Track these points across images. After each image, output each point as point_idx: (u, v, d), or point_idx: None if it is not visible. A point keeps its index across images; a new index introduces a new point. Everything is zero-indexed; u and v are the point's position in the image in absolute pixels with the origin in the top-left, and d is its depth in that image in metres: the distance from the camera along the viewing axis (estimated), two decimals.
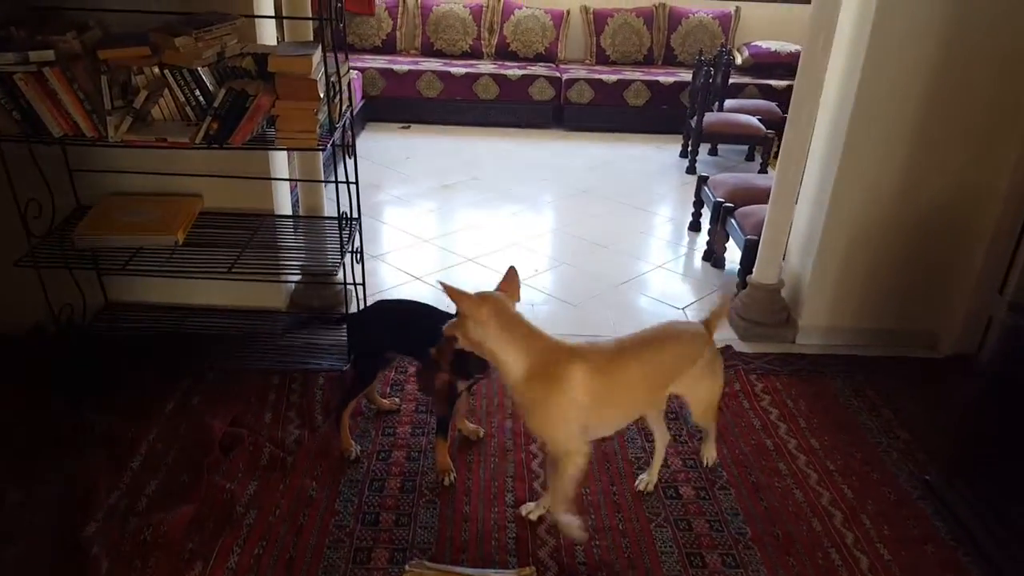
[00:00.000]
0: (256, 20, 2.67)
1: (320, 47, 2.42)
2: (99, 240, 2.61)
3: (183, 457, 2.33)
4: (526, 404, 1.87)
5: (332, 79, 2.41)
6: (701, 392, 2.09)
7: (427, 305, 2.37)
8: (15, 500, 2.14)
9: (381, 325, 2.41)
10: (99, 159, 2.75)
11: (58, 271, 2.64)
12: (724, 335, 3.15)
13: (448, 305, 1.90)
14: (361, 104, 5.84)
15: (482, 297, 1.82)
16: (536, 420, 1.89)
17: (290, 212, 3.15)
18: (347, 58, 2.59)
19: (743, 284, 3.31)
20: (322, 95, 2.36)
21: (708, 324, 2.08)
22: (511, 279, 1.90)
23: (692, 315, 3.38)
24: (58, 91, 2.24)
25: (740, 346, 3.07)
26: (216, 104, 2.30)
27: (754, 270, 3.16)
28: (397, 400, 2.63)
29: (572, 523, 1.97)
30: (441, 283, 1.81)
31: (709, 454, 2.33)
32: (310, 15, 2.80)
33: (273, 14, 2.85)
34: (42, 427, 2.43)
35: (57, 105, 2.26)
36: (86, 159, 2.74)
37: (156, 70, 2.31)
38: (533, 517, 2.15)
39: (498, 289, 1.89)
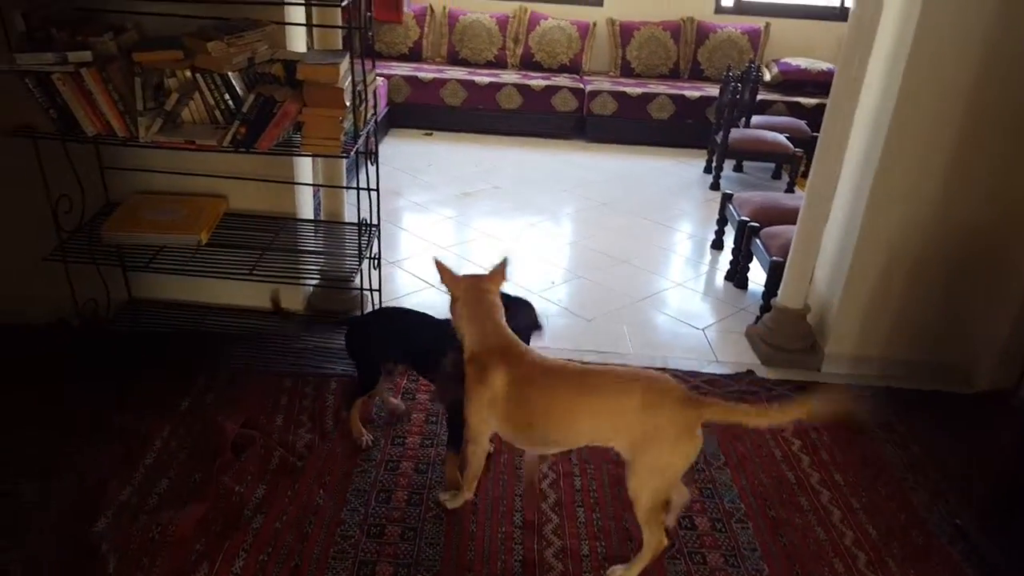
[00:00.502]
0: (287, 27, 2.68)
1: (348, 55, 2.43)
2: (125, 237, 2.63)
3: (195, 456, 2.34)
4: (466, 381, 1.97)
5: (358, 87, 2.41)
6: (642, 467, 1.82)
7: (429, 316, 2.37)
8: (30, 494, 2.16)
9: (382, 332, 2.42)
10: (129, 158, 2.77)
11: (84, 265, 2.66)
12: (746, 359, 3.12)
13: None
14: (386, 110, 5.86)
15: (462, 277, 2.00)
16: (467, 399, 1.99)
17: (312, 216, 3.16)
18: (374, 66, 2.59)
19: (767, 307, 3.27)
20: (348, 103, 2.36)
21: (703, 404, 1.80)
22: (500, 269, 2.04)
23: (712, 336, 3.34)
24: (93, 91, 2.27)
25: (762, 372, 3.02)
26: (245, 109, 2.32)
27: (779, 293, 3.12)
28: (402, 405, 2.63)
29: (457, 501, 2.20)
30: (435, 259, 2.01)
31: None
32: (339, 23, 2.81)
33: (304, 22, 2.86)
34: (59, 420, 2.45)
35: (92, 105, 2.30)
36: (117, 157, 2.77)
37: (188, 73, 2.33)
38: None
39: (487, 276, 2.03)
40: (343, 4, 2.34)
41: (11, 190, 2.76)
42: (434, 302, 3.43)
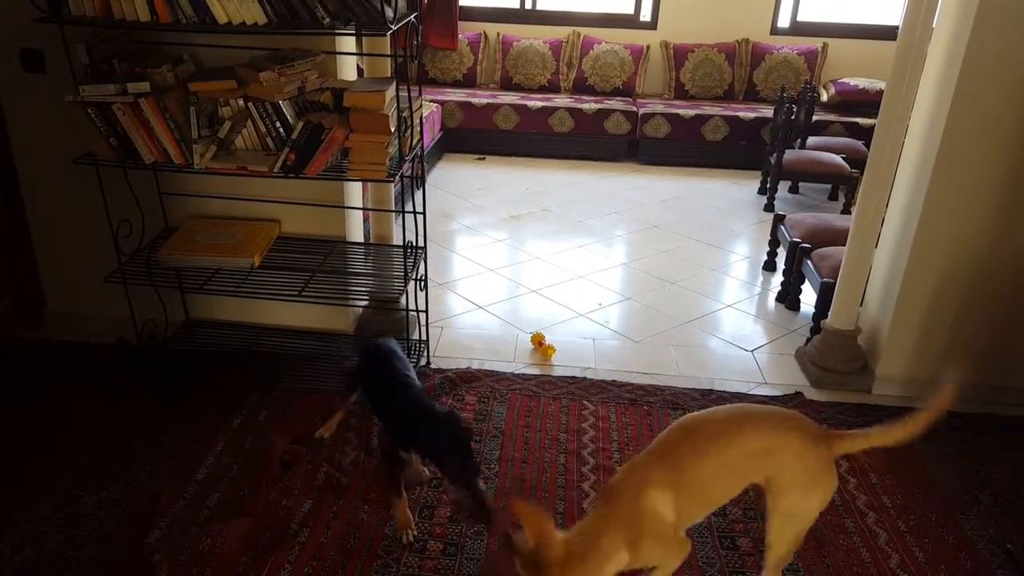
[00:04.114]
0: (338, 56, 2.78)
1: (394, 83, 2.51)
2: (182, 260, 2.75)
3: (245, 471, 2.41)
4: (647, 563, 1.79)
5: (404, 114, 2.48)
6: (778, 511, 1.78)
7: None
8: (89, 504, 2.26)
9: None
10: (187, 184, 2.91)
11: (143, 287, 2.78)
12: (796, 381, 3.05)
13: None
14: (440, 136, 5.99)
15: (556, 565, 1.62)
16: (660, 564, 1.81)
17: (362, 239, 3.24)
18: (420, 94, 2.66)
19: (817, 328, 3.19)
20: (393, 129, 2.43)
21: (834, 437, 1.77)
22: (531, 520, 1.64)
23: (761, 358, 3.26)
24: (151, 120, 2.40)
25: (812, 394, 2.94)
26: (294, 136, 2.41)
27: (829, 314, 3.05)
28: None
29: None
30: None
31: None
32: (388, 52, 2.90)
33: (354, 51, 2.97)
34: (118, 434, 2.57)
35: (149, 133, 2.42)
36: (175, 184, 2.91)
37: (241, 102, 2.44)
38: None
39: (529, 535, 1.65)
40: (390, 32, 2.41)
41: (75, 215, 2.93)
42: (482, 322, 3.49)
